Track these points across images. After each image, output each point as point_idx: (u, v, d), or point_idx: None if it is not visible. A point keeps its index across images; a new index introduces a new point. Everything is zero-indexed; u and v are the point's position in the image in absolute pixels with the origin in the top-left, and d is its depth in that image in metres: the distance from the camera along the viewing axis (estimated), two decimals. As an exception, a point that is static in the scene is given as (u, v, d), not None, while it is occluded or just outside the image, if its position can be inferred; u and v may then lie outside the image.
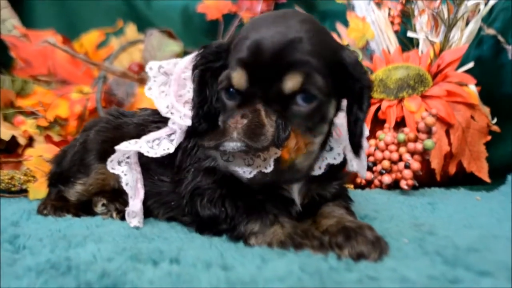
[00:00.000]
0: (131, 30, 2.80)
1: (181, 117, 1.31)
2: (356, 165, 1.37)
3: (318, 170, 1.26)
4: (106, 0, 3.07)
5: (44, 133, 2.09)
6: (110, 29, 2.81)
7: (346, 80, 1.13)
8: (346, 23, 2.75)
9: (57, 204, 1.54)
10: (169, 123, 1.35)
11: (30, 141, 2.07)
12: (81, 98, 2.17)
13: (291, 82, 1.04)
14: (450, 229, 1.26)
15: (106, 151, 1.44)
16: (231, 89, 1.10)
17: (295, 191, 1.25)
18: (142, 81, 2.29)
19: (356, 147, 1.22)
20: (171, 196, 1.41)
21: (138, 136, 1.38)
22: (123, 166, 1.39)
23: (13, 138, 2.05)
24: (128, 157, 1.39)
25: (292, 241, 1.02)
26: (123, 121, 1.57)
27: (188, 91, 1.32)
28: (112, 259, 0.94)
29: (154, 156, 1.32)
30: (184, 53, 2.56)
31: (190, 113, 1.27)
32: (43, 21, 2.91)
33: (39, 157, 1.81)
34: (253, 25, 1.15)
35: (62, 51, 2.28)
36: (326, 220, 1.17)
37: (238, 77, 1.07)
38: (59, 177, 1.59)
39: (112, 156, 1.38)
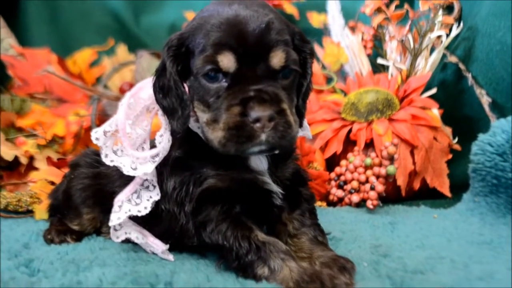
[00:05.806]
0: (122, 50, 2.96)
1: (152, 161, 1.28)
2: (301, 131, 1.37)
3: None
4: (97, 18, 3.19)
5: (44, 151, 2.24)
6: (101, 48, 2.97)
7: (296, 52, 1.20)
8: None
9: (61, 228, 1.61)
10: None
11: (31, 160, 2.22)
12: (78, 120, 2.33)
13: (277, 60, 1.12)
14: (404, 250, 1.41)
15: (88, 197, 1.59)
16: (212, 73, 1.12)
17: (266, 175, 1.30)
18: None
19: (300, 116, 1.27)
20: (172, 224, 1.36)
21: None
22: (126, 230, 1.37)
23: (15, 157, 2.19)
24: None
25: None
26: (100, 171, 1.58)
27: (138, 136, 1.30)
28: (115, 283, 1.09)
29: (143, 213, 1.30)
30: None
31: (153, 153, 1.27)
32: (37, 39, 3.06)
33: (43, 180, 1.97)
34: (214, 10, 1.17)
35: (60, 79, 2.41)
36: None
37: (227, 60, 1.09)
38: (57, 209, 1.69)
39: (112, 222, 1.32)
